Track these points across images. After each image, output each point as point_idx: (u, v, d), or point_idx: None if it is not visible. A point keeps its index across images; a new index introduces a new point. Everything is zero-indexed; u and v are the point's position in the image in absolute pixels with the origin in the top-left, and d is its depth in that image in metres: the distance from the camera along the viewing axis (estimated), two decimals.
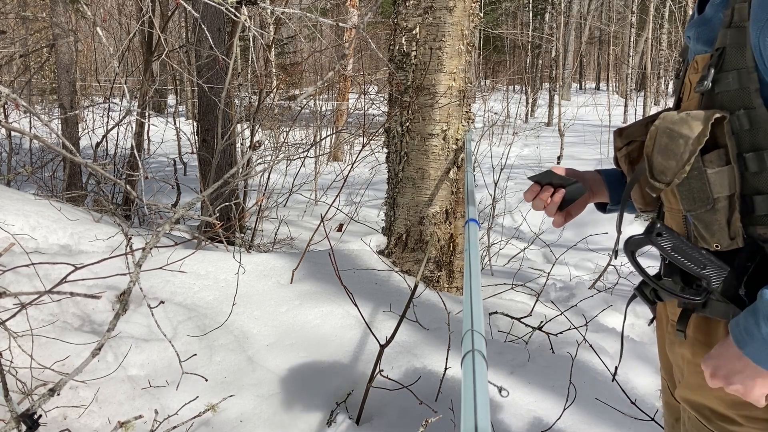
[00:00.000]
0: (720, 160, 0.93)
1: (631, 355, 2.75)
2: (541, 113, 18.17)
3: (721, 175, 0.93)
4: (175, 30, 15.96)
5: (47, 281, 2.33)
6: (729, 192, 0.94)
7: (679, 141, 0.97)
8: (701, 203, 0.97)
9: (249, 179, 4.82)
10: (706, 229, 0.98)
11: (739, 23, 0.91)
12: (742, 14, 0.90)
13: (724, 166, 0.93)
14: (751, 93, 0.90)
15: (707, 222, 0.97)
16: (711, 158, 0.94)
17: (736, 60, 0.92)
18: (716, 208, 0.95)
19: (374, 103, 8.36)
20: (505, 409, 2.06)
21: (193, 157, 7.19)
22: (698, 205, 0.97)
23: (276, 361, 2.29)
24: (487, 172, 5.99)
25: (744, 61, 0.91)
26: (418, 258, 3.14)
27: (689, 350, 1.13)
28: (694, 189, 0.97)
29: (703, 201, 0.96)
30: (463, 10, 2.98)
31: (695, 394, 1.15)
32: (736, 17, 0.91)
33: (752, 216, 0.93)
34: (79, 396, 2.04)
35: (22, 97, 7.27)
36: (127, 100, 5.92)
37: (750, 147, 0.91)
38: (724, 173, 0.93)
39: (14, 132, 3.17)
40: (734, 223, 0.94)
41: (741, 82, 0.91)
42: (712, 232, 0.96)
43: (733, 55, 0.92)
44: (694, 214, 0.99)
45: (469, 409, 0.68)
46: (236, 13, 2.93)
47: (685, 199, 1.00)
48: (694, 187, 0.97)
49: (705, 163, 0.94)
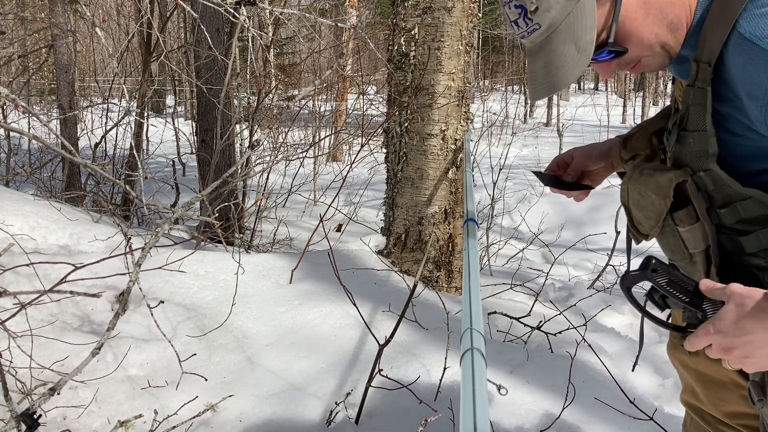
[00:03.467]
0: (690, 218, 0.93)
1: (631, 354, 2.75)
2: (540, 113, 18.19)
3: (693, 232, 0.93)
4: (174, 30, 15.96)
5: (46, 281, 2.33)
6: (704, 246, 0.93)
7: (648, 199, 0.98)
8: (680, 256, 0.98)
9: (248, 179, 4.82)
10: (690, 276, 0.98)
11: (701, 85, 0.88)
12: (705, 77, 0.87)
13: (695, 224, 0.93)
14: (708, 157, 0.89)
15: (689, 272, 0.98)
16: (681, 216, 0.94)
17: (697, 121, 0.90)
18: (694, 260, 0.96)
19: (373, 103, 8.37)
20: (504, 408, 2.07)
21: (192, 158, 7.20)
22: (677, 257, 0.99)
23: (275, 361, 2.29)
24: (486, 172, 5.99)
25: (704, 124, 0.89)
26: (417, 258, 3.14)
27: (691, 360, 1.13)
28: (671, 244, 0.98)
29: (681, 254, 0.97)
30: (461, 11, 2.98)
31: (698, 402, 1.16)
32: (699, 77, 0.88)
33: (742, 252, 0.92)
34: (78, 396, 2.05)
35: (21, 97, 7.27)
36: (126, 101, 5.91)
37: (721, 203, 0.90)
38: (696, 230, 0.93)
39: (13, 132, 3.16)
40: (711, 276, 0.94)
41: (701, 144, 0.90)
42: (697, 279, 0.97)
43: (695, 116, 0.90)
44: (677, 264, 1.00)
45: (468, 406, 0.68)
46: (235, 14, 2.93)
47: (666, 250, 1.01)
48: (670, 243, 0.98)
49: (676, 221, 0.94)
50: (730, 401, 1.07)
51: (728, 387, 1.07)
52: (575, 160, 1.26)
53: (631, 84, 18.37)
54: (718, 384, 1.09)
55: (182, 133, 7.82)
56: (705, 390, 1.12)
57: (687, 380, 1.19)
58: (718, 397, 1.10)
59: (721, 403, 1.10)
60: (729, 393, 1.07)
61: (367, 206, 6.04)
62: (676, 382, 2.58)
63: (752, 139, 0.86)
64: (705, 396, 1.13)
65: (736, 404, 1.06)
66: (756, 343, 0.79)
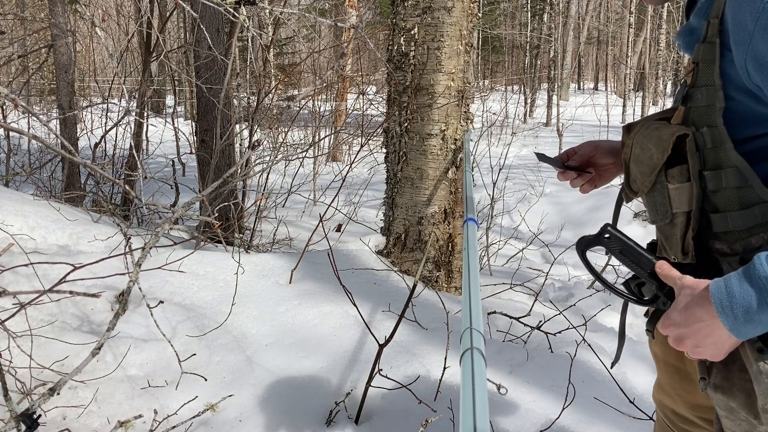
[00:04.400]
0: (681, 177, 0.94)
1: (630, 354, 2.75)
2: (540, 113, 18.19)
3: (681, 191, 0.94)
4: (174, 30, 15.96)
5: (46, 281, 2.33)
6: (687, 208, 0.94)
7: (647, 153, 0.99)
8: (662, 216, 0.98)
9: (248, 179, 4.82)
10: (666, 241, 0.99)
11: (711, 39, 0.90)
12: (714, 29, 0.89)
13: (684, 183, 0.93)
14: (715, 111, 0.90)
15: (667, 235, 0.99)
16: (673, 174, 0.94)
17: (706, 76, 0.91)
18: (674, 222, 0.96)
19: (373, 103, 8.37)
20: (504, 408, 2.06)
21: (192, 158, 7.19)
22: (660, 217, 0.99)
23: (275, 360, 2.29)
24: (486, 172, 6.00)
25: (712, 78, 0.90)
26: (417, 258, 3.14)
27: (659, 349, 1.14)
28: (657, 202, 0.99)
29: (664, 214, 0.98)
30: (461, 11, 2.99)
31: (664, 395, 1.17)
32: (709, 32, 0.90)
33: (710, 232, 0.93)
34: (78, 396, 2.04)
35: (21, 97, 7.27)
36: (126, 101, 5.91)
37: (712, 165, 0.91)
38: (684, 189, 0.94)
39: (13, 132, 3.16)
40: (687, 240, 0.95)
41: (708, 99, 0.91)
42: (671, 244, 0.97)
43: (704, 71, 0.92)
44: (657, 225, 1.01)
45: (468, 406, 0.68)
46: (235, 14, 2.93)
47: (650, 210, 1.02)
48: (657, 200, 0.98)
49: (668, 177, 0.95)
50: (695, 392, 1.07)
51: (692, 378, 1.07)
52: (583, 149, 1.28)
53: (630, 84, 18.36)
54: (683, 375, 1.10)
55: (182, 133, 7.81)
56: (671, 381, 1.13)
57: (659, 374, 1.19)
58: (683, 389, 1.10)
59: (685, 394, 1.10)
60: (693, 384, 1.07)
61: (367, 206, 6.04)
62: None
63: (744, 104, 0.88)
64: (671, 388, 1.13)
65: (699, 395, 1.06)
66: (703, 331, 0.83)
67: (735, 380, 0.89)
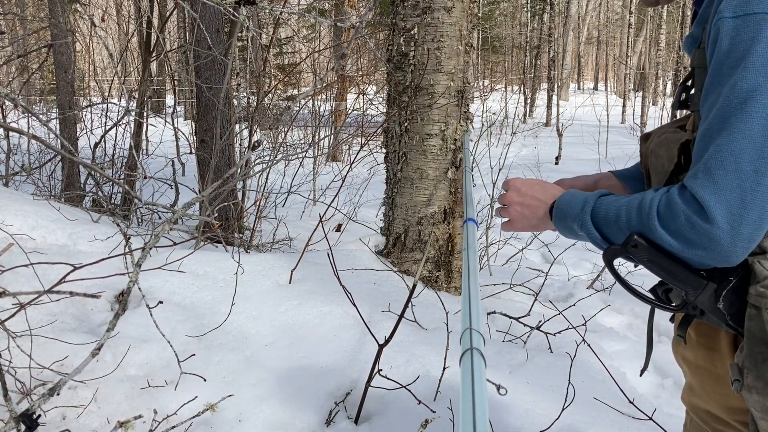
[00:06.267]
0: None
1: (630, 354, 2.75)
2: (540, 113, 18.20)
3: None
4: (174, 30, 15.96)
5: (46, 281, 2.33)
6: None
7: (660, 161, 1.02)
8: None
9: (247, 179, 4.81)
10: None
11: (704, 46, 0.92)
12: (707, 36, 0.92)
13: None
14: None
15: None
16: (682, 179, 0.94)
17: (700, 81, 0.93)
18: None
19: (373, 103, 8.37)
20: (504, 408, 2.06)
21: (192, 158, 7.18)
22: None
23: (275, 361, 2.29)
24: (486, 172, 5.99)
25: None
26: (417, 258, 3.14)
27: (691, 353, 1.13)
28: None
29: None
30: (461, 11, 2.99)
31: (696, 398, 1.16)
32: (703, 39, 0.93)
33: None
34: (77, 396, 2.04)
35: (21, 97, 7.27)
36: (126, 101, 5.90)
37: None
38: None
39: (13, 132, 3.16)
40: None
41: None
42: None
43: (699, 77, 0.94)
44: None
45: (468, 406, 0.68)
46: (235, 14, 2.93)
47: None
48: None
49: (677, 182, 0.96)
50: (729, 395, 1.07)
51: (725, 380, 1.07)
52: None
53: (630, 84, 18.37)
54: (715, 377, 1.09)
55: (182, 133, 7.81)
56: (703, 385, 1.12)
57: (691, 379, 1.19)
58: (715, 392, 1.10)
59: (719, 397, 1.10)
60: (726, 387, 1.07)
61: (367, 206, 6.03)
62: (675, 381, 2.58)
63: None
64: (704, 391, 1.13)
65: (734, 398, 1.06)
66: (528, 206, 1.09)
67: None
